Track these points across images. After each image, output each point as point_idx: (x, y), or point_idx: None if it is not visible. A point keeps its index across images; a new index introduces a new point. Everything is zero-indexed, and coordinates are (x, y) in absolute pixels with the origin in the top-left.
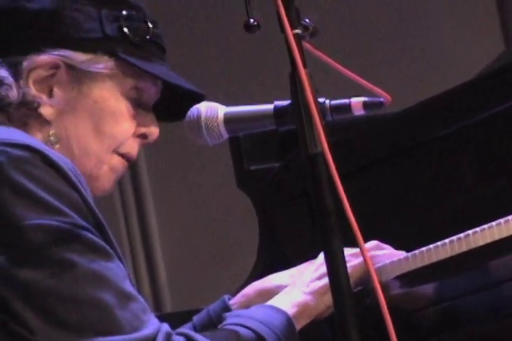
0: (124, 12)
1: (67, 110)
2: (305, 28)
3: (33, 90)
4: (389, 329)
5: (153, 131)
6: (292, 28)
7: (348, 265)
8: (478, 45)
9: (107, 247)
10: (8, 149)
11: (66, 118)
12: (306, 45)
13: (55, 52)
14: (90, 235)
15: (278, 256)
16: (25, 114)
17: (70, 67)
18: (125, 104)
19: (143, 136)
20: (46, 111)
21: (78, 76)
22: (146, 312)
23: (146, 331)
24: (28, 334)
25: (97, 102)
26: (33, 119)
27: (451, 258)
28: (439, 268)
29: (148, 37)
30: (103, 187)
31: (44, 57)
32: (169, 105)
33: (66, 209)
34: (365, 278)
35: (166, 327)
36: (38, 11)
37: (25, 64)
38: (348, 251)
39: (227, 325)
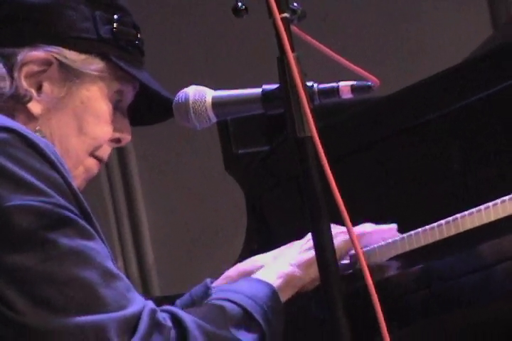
0: (116, 16)
1: (54, 107)
2: (293, 11)
3: (24, 84)
4: (377, 312)
5: (127, 136)
6: (280, 11)
7: (341, 239)
8: (466, 29)
9: (89, 227)
10: None
11: (52, 116)
12: (295, 28)
13: (51, 49)
14: (73, 215)
15: (266, 240)
16: (13, 107)
17: (62, 66)
18: (108, 107)
19: (116, 141)
20: (34, 106)
21: (69, 75)
22: (131, 290)
23: (132, 309)
24: (14, 315)
25: (83, 102)
26: (20, 113)
27: (440, 242)
28: (427, 251)
29: (136, 42)
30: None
31: (39, 53)
32: (140, 110)
33: (48, 190)
34: (354, 262)
35: (150, 304)
36: (35, 4)
37: (19, 57)
38: (338, 229)
39: (212, 299)
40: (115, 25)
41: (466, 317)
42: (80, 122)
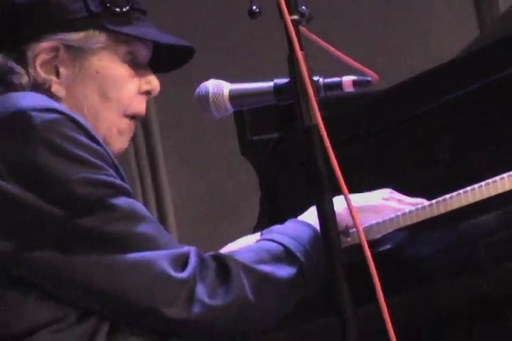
0: None
1: (75, 84)
2: (301, 14)
3: (41, 74)
4: (375, 280)
5: (155, 86)
6: (290, 14)
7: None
8: (456, 31)
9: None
10: (40, 114)
11: (76, 92)
12: (303, 29)
13: (53, 36)
14: (122, 183)
15: (276, 218)
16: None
17: (68, 47)
18: (124, 68)
19: (147, 93)
20: (57, 89)
21: (77, 53)
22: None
23: (182, 248)
24: (91, 258)
25: (98, 72)
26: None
27: (431, 219)
28: (420, 228)
29: (128, 5)
30: (114, 148)
31: (44, 44)
32: (162, 57)
33: (100, 163)
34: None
35: (195, 248)
36: (26, 3)
37: (28, 53)
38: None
39: (260, 240)
40: None
41: (452, 288)
42: (102, 89)
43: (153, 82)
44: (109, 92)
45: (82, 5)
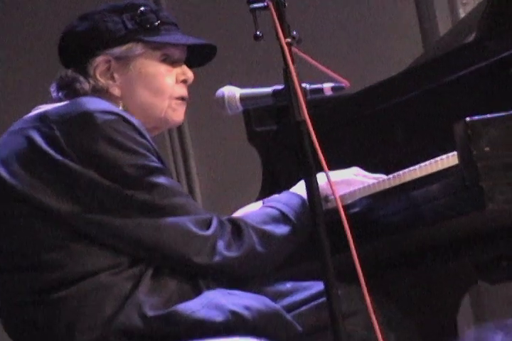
0: (137, 11)
1: (127, 84)
2: (293, 37)
3: (101, 81)
4: (346, 231)
5: (189, 75)
6: (285, 37)
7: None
8: (402, 51)
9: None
10: (102, 115)
11: (128, 90)
12: (294, 49)
13: (104, 52)
14: (163, 166)
15: (274, 189)
16: (99, 96)
17: (117, 58)
18: (161, 66)
19: (184, 81)
20: (114, 90)
21: (124, 61)
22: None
23: (206, 214)
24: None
25: (141, 72)
26: (106, 97)
27: (389, 189)
28: (381, 196)
29: (157, 21)
30: (174, 121)
31: (99, 58)
32: (195, 55)
33: (146, 152)
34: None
35: (215, 214)
36: (84, 31)
37: (88, 67)
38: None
39: (262, 207)
40: (137, 19)
41: (402, 238)
42: (147, 84)
43: (187, 73)
44: (153, 85)
45: (122, 25)
